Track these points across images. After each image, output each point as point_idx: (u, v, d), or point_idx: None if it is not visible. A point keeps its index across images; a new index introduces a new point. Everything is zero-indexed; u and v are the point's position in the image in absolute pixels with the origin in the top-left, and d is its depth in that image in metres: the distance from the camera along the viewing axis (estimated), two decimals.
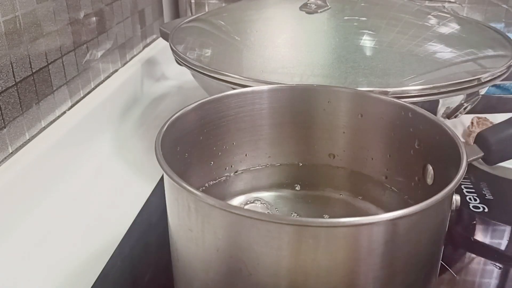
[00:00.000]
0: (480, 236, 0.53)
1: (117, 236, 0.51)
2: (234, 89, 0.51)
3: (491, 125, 0.52)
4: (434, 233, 0.36)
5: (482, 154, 0.45)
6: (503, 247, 0.52)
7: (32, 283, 0.46)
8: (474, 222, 0.54)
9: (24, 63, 0.54)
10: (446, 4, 0.96)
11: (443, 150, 0.41)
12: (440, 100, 0.54)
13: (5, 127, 0.52)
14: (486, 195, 0.58)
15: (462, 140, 0.50)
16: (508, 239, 0.53)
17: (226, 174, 0.51)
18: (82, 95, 0.67)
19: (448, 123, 0.49)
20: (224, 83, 0.56)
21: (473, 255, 0.50)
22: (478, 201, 0.57)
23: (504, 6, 0.96)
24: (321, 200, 0.50)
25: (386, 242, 0.32)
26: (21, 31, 0.53)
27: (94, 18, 0.69)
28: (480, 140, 0.45)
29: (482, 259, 0.50)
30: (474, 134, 0.56)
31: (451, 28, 0.68)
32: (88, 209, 0.56)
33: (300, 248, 0.32)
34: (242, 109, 0.49)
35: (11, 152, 0.53)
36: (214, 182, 0.50)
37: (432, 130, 0.43)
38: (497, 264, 0.49)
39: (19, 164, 0.52)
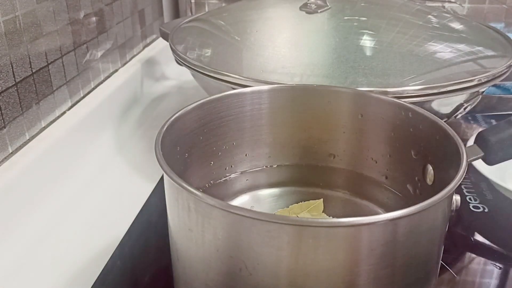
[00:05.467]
0: (480, 236, 0.53)
1: (117, 236, 0.51)
2: (234, 89, 0.51)
3: None
4: (434, 233, 0.36)
5: (482, 154, 0.45)
6: (503, 247, 0.52)
7: (32, 283, 0.46)
8: (474, 222, 0.54)
9: (24, 63, 0.54)
10: (446, 4, 0.96)
11: (443, 150, 0.41)
12: (440, 100, 0.54)
13: (5, 127, 0.52)
14: (486, 195, 0.58)
15: None
16: (508, 239, 0.53)
17: (226, 174, 0.51)
18: (82, 95, 0.67)
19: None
20: (224, 83, 0.56)
21: (473, 255, 0.50)
22: (478, 201, 0.57)
23: (504, 6, 0.96)
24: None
25: (386, 242, 0.32)
26: (21, 31, 0.53)
27: (94, 18, 0.69)
28: (480, 140, 0.45)
29: (482, 259, 0.50)
30: None
31: (451, 28, 0.68)
32: (88, 209, 0.56)
33: (300, 248, 0.32)
34: (242, 109, 0.49)
35: (11, 152, 0.53)
36: (214, 182, 0.50)
37: (432, 130, 0.43)
38: (497, 264, 0.49)
39: (19, 164, 0.52)
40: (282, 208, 0.49)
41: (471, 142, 0.46)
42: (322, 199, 0.49)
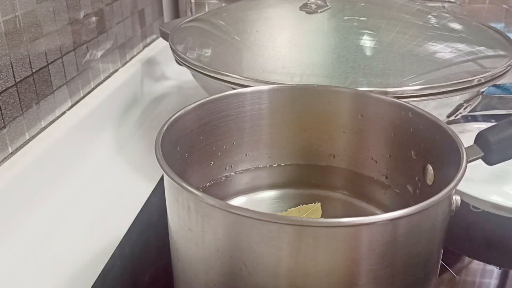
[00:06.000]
0: (480, 236, 0.53)
1: (117, 236, 0.51)
2: (234, 89, 0.51)
3: None
4: (434, 233, 0.36)
5: (482, 154, 0.45)
6: (503, 247, 0.52)
7: (32, 283, 0.46)
8: (474, 222, 0.54)
9: (24, 63, 0.54)
10: (446, 4, 0.96)
11: (443, 150, 0.41)
12: (440, 100, 0.54)
13: (5, 127, 0.52)
14: None
15: None
16: (508, 239, 0.53)
17: (226, 174, 0.51)
18: (82, 95, 0.67)
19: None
20: (224, 83, 0.56)
21: (473, 255, 0.50)
22: None
23: (504, 6, 0.96)
24: (321, 200, 0.50)
25: (386, 242, 0.32)
26: (21, 31, 0.53)
27: (94, 18, 0.69)
28: (480, 140, 0.45)
29: (482, 259, 0.50)
30: None
31: (451, 28, 0.68)
32: (88, 209, 0.56)
33: (300, 248, 0.32)
34: (242, 109, 0.49)
35: (11, 152, 0.53)
36: (214, 182, 0.50)
37: (432, 130, 0.43)
38: (497, 264, 0.49)
39: (19, 164, 0.52)
40: (280, 212, 0.49)
41: (471, 142, 0.46)
42: (320, 203, 0.49)
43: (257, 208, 0.37)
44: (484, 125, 0.62)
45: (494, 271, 0.48)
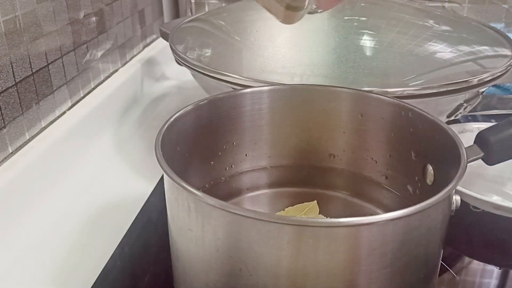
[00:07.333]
0: (480, 236, 0.53)
1: (117, 236, 0.51)
2: (234, 89, 0.51)
3: None
4: (434, 233, 0.36)
5: (482, 154, 0.45)
6: (503, 247, 0.52)
7: (32, 283, 0.46)
8: (474, 222, 0.54)
9: (24, 63, 0.54)
10: (446, 4, 0.96)
11: (443, 150, 0.41)
12: (440, 100, 0.54)
13: (5, 127, 0.52)
14: None
15: None
16: (508, 239, 0.53)
17: (226, 174, 0.51)
18: (82, 95, 0.67)
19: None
20: (224, 83, 0.56)
21: (473, 255, 0.50)
22: None
23: (504, 6, 0.96)
24: (321, 200, 0.50)
25: (386, 242, 0.32)
26: (21, 31, 0.53)
27: (94, 18, 0.69)
28: (480, 140, 0.45)
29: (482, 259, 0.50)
30: None
31: (451, 28, 0.68)
32: (88, 209, 0.56)
33: (300, 248, 0.32)
34: (242, 109, 0.49)
35: (11, 152, 0.53)
36: (214, 182, 0.50)
37: (432, 130, 0.43)
38: (497, 264, 0.49)
39: (19, 164, 0.52)
40: (278, 211, 0.49)
41: (471, 142, 0.46)
42: (316, 201, 0.49)
43: (257, 208, 0.37)
44: (484, 125, 0.62)
45: (494, 271, 0.48)
